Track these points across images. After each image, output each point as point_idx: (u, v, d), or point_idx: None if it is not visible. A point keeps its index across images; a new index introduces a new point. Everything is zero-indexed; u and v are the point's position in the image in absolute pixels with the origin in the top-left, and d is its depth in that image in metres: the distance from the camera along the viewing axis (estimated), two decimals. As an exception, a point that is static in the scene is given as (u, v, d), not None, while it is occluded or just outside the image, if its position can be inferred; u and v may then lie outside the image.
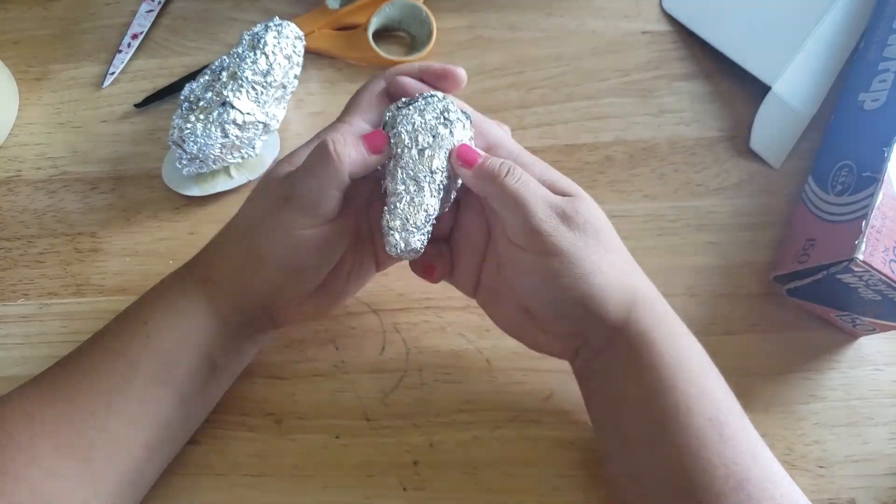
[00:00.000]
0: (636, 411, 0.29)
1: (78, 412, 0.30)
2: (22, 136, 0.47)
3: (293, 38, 0.42)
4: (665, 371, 0.29)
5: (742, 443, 0.28)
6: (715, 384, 0.29)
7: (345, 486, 0.36)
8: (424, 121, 0.31)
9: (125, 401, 0.30)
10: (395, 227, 0.30)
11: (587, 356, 0.32)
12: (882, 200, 0.35)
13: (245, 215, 0.33)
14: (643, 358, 0.29)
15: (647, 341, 0.29)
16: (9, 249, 0.43)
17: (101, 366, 0.31)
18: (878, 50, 0.43)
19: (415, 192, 0.30)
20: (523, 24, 0.49)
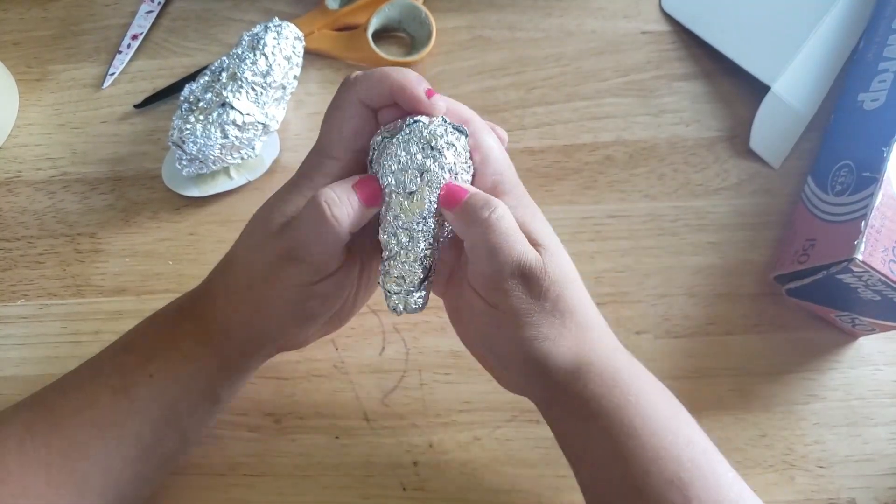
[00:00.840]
0: (593, 474, 0.29)
1: (72, 446, 0.29)
2: (22, 136, 0.47)
3: (293, 39, 0.42)
4: (615, 438, 0.27)
5: (712, 498, 0.26)
6: (675, 438, 0.27)
7: (344, 486, 0.36)
8: (410, 156, 0.28)
9: (122, 437, 0.30)
10: (392, 290, 0.29)
11: (539, 406, 0.31)
12: (881, 200, 0.35)
13: (246, 267, 0.31)
14: (591, 425, 0.28)
15: (593, 410, 0.28)
16: (9, 250, 0.43)
17: (100, 401, 0.30)
18: (877, 50, 0.43)
19: (409, 246, 0.28)
20: (523, 24, 0.49)
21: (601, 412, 0.28)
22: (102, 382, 0.31)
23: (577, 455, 0.29)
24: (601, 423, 0.28)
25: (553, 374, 0.29)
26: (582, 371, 0.28)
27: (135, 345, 0.32)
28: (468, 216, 0.27)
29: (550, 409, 0.30)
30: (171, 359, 0.31)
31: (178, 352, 0.31)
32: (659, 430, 0.27)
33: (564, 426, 0.30)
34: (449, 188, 0.28)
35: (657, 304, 0.40)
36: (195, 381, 0.31)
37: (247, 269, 0.31)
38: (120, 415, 0.30)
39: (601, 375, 0.28)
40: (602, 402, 0.28)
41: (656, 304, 0.40)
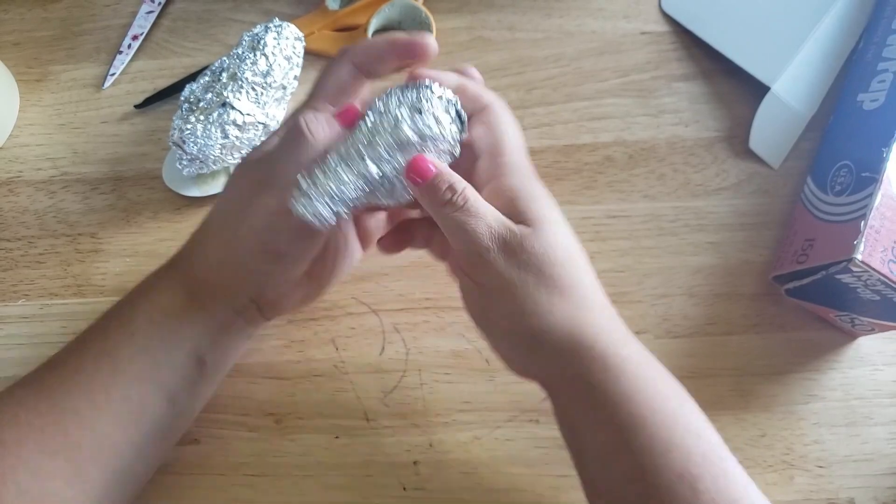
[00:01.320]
0: (599, 466, 0.28)
1: (63, 412, 0.29)
2: (22, 137, 0.47)
3: (293, 39, 0.42)
4: (622, 429, 0.26)
5: (721, 493, 0.25)
6: (684, 433, 0.26)
7: (345, 485, 0.36)
8: (397, 105, 0.28)
9: (110, 400, 0.30)
10: (301, 187, 0.28)
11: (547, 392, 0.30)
12: (881, 201, 0.35)
13: (221, 206, 0.32)
14: (597, 414, 0.27)
15: (598, 398, 0.27)
16: (9, 250, 0.43)
17: (86, 365, 0.30)
18: (877, 50, 0.43)
19: (345, 165, 0.28)
20: (523, 24, 0.49)
21: (607, 401, 0.27)
22: (87, 349, 0.31)
23: (582, 445, 0.29)
24: (608, 411, 0.27)
25: (548, 350, 0.28)
26: (583, 353, 0.27)
27: (117, 309, 0.32)
28: (432, 196, 0.28)
29: (557, 396, 0.29)
30: (151, 316, 0.31)
31: (156, 308, 0.31)
32: (668, 422, 0.26)
33: (570, 413, 0.29)
34: (416, 161, 0.28)
35: (657, 304, 0.40)
36: (176, 338, 0.31)
37: (221, 208, 0.32)
38: (105, 377, 0.30)
39: (606, 362, 0.27)
40: (608, 391, 0.27)
41: (656, 304, 0.40)
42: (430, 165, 0.28)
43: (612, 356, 0.27)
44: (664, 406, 0.27)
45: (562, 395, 0.29)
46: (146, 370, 0.31)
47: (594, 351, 0.27)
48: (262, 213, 0.29)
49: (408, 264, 0.41)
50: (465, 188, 0.28)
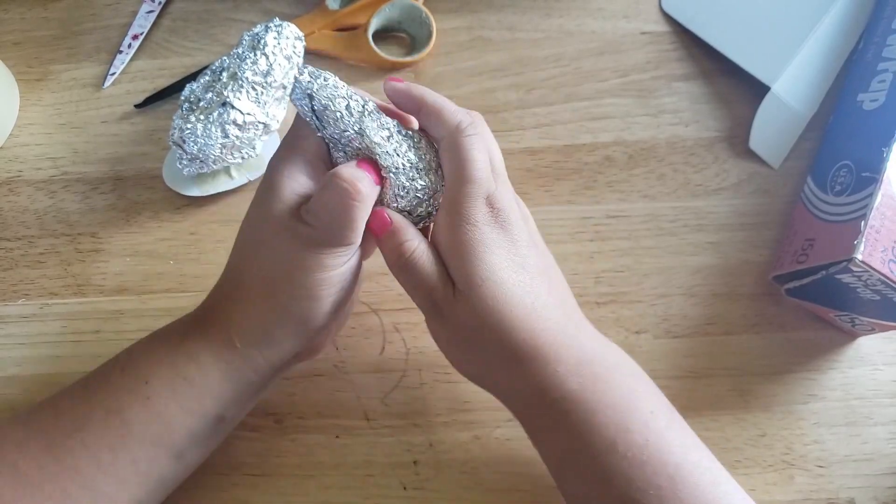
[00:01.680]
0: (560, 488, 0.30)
1: (63, 468, 0.28)
2: (22, 136, 0.47)
3: (293, 39, 0.42)
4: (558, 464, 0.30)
5: None
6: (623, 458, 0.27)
7: (345, 485, 0.36)
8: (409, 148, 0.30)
9: (116, 461, 0.29)
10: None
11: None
12: (881, 200, 0.35)
13: (262, 267, 0.30)
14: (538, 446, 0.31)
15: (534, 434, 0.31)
16: (10, 250, 0.43)
17: (93, 422, 0.29)
18: (877, 50, 0.43)
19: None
20: (523, 24, 0.49)
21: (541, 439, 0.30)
22: (96, 403, 0.30)
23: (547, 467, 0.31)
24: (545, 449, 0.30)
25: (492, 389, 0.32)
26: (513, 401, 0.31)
27: (132, 366, 0.31)
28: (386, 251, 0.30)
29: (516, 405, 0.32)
30: (171, 381, 0.29)
31: (178, 374, 0.30)
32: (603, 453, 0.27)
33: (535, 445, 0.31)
34: (377, 214, 0.30)
35: (656, 304, 0.40)
36: (197, 406, 0.30)
37: (264, 271, 0.29)
38: (113, 438, 0.29)
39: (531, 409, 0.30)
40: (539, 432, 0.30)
41: (655, 304, 0.40)
42: (387, 219, 0.30)
43: (546, 399, 0.29)
44: (601, 437, 0.28)
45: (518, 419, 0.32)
46: (159, 434, 0.29)
47: (530, 396, 0.29)
48: (317, 275, 0.29)
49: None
50: (413, 246, 0.29)
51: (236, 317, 0.30)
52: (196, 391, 0.30)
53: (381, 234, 0.30)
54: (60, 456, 0.29)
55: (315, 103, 0.30)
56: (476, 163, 0.29)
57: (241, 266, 0.31)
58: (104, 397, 0.30)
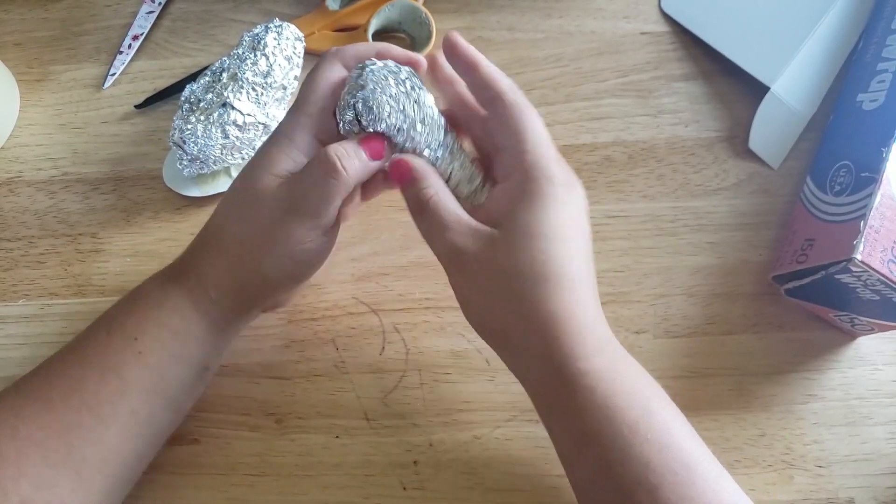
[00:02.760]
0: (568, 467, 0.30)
1: (67, 427, 0.29)
2: (23, 137, 0.47)
3: (293, 40, 0.42)
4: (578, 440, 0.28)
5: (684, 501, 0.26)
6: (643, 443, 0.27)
7: (345, 485, 0.36)
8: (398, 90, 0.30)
9: (116, 414, 0.30)
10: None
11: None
12: (880, 201, 0.35)
13: (239, 230, 0.32)
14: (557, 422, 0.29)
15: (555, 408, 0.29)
16: (10, 250, 0.43)
17: (89, 380, 0.30)
18: (876, 50, 0.43)
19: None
20: (522, 25, 0.50)
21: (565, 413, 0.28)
22: (90, 365, 0.31)
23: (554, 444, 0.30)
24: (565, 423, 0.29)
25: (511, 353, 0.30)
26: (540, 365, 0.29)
27: (118, 326, 0.32)
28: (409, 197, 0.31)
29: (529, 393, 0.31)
30: (159, 335, 0.31)
31: (165, 327, 0.31)
32: (624, 433, 0.27)
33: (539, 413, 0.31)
34: (396, 163, 0.30)
35: (656, 304, 0.40)
36: (185, 356, 0.32)
37: (240, 232, 0.31)
38: (112, 393, 0.30)
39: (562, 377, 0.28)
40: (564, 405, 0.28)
41: (655, 304, 0.40)
42: (408, 166, 0.30)
43: (568, 371, 0.28)
44: (623, 417, 0.27)
45: (527, 392, 0.31)
46: (153, 385, 0.31)
47: (551, 365, 0.28)
48: (291, 243, 0.30)
49: (408, 264, 0.41)
50: (435, 195, 0.30)
51: (213, 272, 0.32)
52: (182, 341, 0.32)
53: (403, 181, 0.30)
54: (61, 415, 0.30)
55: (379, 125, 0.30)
56: (541, 122, 0.31)
57: (221, 225, 0.32)
58: (96, 358, 0.31)
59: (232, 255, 0.32)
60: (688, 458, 0.27)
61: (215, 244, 0.32)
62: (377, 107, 0.29)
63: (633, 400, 0.28)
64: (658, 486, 0.26)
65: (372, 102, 0.29)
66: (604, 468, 0.27)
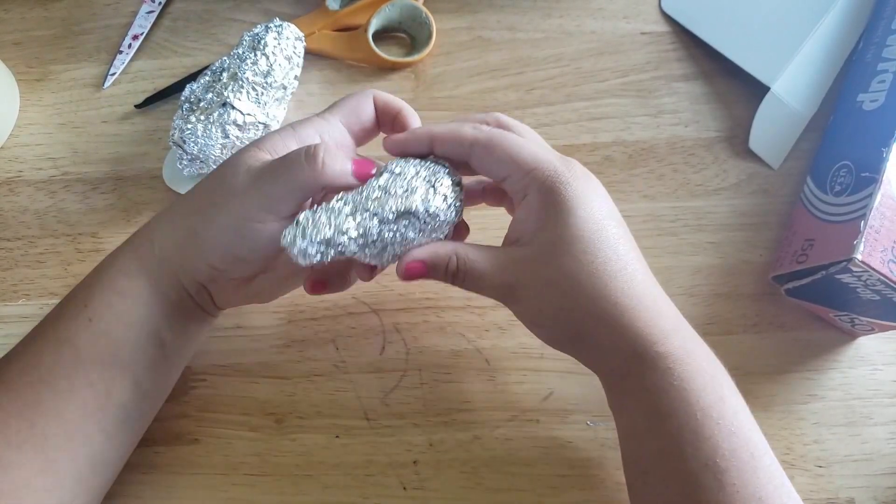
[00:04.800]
0: (636, 444, 0.30)
1: (25, 404, 0.29)
2: (23, 136, 0.47)
3: (293, 39, 0.42)
4: (651, 417, 0.28)
5: (747, 487, 0.26)
6: (715, 427, 0.27)
7: (345, 485, 0.36)
8: (416, 173, 0.30)
9: (73, 387, 0.30)
10: (299, 221, 0.28)
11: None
12: (881, 201, 0.35)
13: (201, 190, 0.32)
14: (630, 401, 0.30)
15: (629, 389, 0.29)
16: (10, 250, 0.43)
17: (44, 355, 0.30)
18: (876, 51, 0.43)
19: (351, 217, 0.28)
20: (523, 24, 0.50)
21: (639, 393, 0.29)
22: (45, 338, 0.31)
23: (621, 425, 0.31)
24: (639, 402, 0.29)
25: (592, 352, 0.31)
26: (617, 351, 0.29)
27: (74, 294, 0.32)
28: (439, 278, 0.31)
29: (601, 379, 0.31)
30: (107, 298, 0.31)
31: (112, 289, 0.31)
32: (699, 415, 0.27)
33: (609, 398, 0.31)
34: (410, 267, 0.30)
35: (657, 303, 0.40)
36: (134, 318, 0.31)
37: (199, 193, 0.31)
38: (66, 366, 0.30)
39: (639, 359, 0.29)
40: (638, 385, 0.29)
41: (656, 303, 0.40)
42: (417, 266, 0.30)
43: (647, 355, 0.29)
44: (697, 400, 0.28)
45: (601, 380, 0.31)
46: (108, 354, 0.30)
47: (628, 353, 0.29)
48: (236, 217, 0.30)
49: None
50: (454, 262, 0.30)
51: (159, 228, 0.32)
52: (129, 302, 0.31)
53: (422, 277, 0.31)
54: (21, 392, 0.29)
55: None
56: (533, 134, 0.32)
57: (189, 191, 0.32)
58: (51, 330, 0.31)
59: (182, 212, 0.31)
60: (754, 447, 0.28)
61: (179, 201, 0.32)
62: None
63: (708, 383, 0.28)
64: (725, 470, 0.26)
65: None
66: (674, 447, 0.28)
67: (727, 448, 0.27)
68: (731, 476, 0.26)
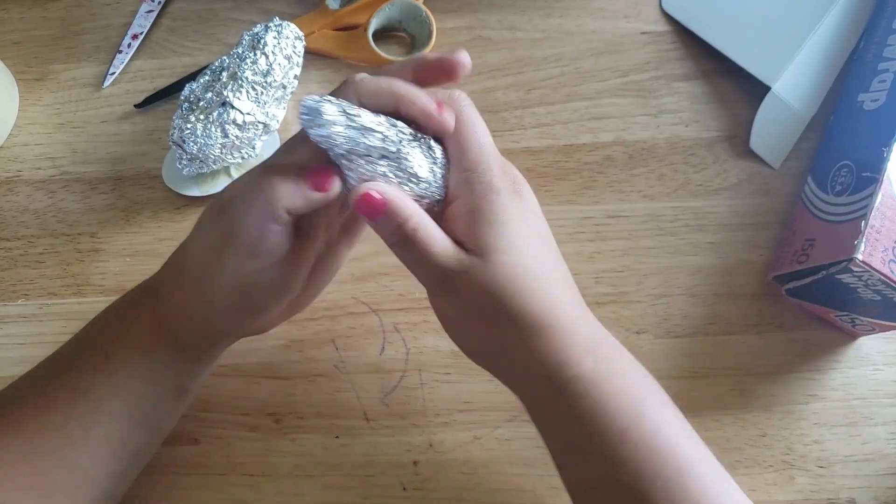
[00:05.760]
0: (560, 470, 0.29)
1: (37, 450, 0.28)
2: (22, 136, 0.47)
3: (293, 39, 0.42)
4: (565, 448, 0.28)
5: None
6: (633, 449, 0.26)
7: (345, 485, 0.36)
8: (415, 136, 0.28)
9: (88, 437, 0.29)
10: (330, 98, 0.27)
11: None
12: (881, 200, 0.35)
13: (194, 257, 0.30)
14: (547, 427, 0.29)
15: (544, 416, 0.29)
16: (9, 249, 0.43)
17: (60, 402, 0.29)
18: (877, 50, 0.43)
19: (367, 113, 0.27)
20: (523, 24, 0.49)
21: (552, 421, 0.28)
22: (59, 384, 0.30)
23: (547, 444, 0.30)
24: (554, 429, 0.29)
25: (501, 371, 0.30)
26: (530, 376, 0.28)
27: (91, 344, 0.31)
28: (383, 233, 0.28)
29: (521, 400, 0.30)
30: (130, 356, 0.30)
31: (136, 347, 0.30)
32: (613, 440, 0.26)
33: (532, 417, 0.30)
34: (365, 198, 0.27)
35: (656, 304, 0.40)
36: (157, 375, 0.31)
37: (193, 256, 0.30)
38: (82, 416, 0.29)
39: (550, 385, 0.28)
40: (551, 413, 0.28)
41: (656, 304, 0.40)
42: (379, 199, 0.27)
43: (558, 379, 0.27)
44: (613, 422, 0.27)
45: (525, 406, 0.30)
46: (127, 408, 0.30)
47: (540, 375, 0.28)
48: (232, 272, 0.28)
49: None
50: (414, 222, 0.27)
51: (175, 294, 0.30)
52: (153, 362, 0.30)
53: (374, 217, 0.27)
54: (32, 437, 0.29)
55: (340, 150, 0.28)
56: (485, 132, 0.29)
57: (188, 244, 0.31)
58: (67, 378, 0.30)
59: (188, 282, 0.30)
60: (682, 462, 0.26)
61: (179, 265, 0.31)
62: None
63: (624, 403, 0.27)
64: (649, 493, 0.25)
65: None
66: (593, 475, 0.27)
67: (649, 469, 0.26)
68: (656, 499, 0.25)
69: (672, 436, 0.27)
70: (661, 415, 0.28)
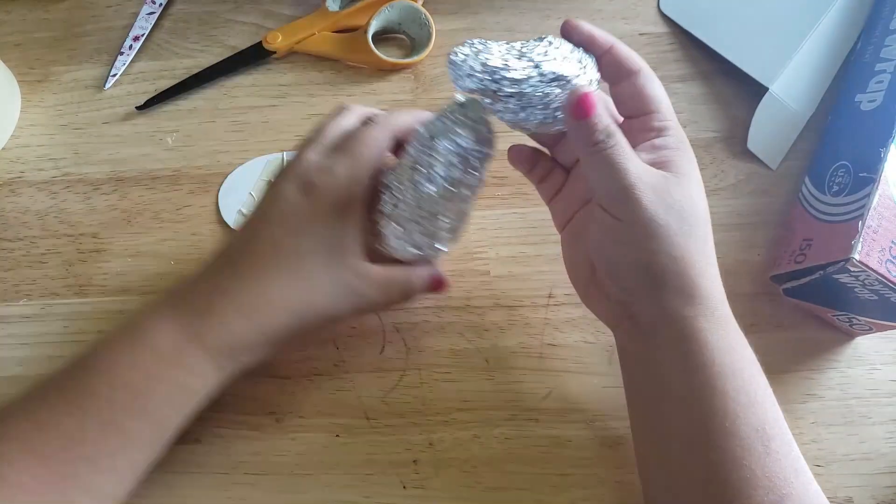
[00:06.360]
0: (679, 409, 0.29)
1: (63, 478, 0.29)
2: (24, 137, 0.47)
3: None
4: (716, 375, 0.28)
5: (786, 458, 0.27)
6: (765, 396, 0.29)
7: (345, 484, 0.36)
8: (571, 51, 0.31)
9: (115, 467, 0.30)
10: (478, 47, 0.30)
11: (632, 333, 0.31)
12: (878, 201, 0.35)
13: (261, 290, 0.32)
14: (695, 357, 0.28)
15: (700, 341, 0.28)
16: (11, 250, 0.43)
17: (89, 435, 0.29)
18: (875, 51, 0.43)
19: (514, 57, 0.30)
20: (522, 26, 0.50)
21: (706, 349, 0.28)
22: (90, 418, 0.30)
23: (663, 389, 0.30)
24: (703, 358, 0.28)
25: (666, 289, 0.29)
26: (696, 300, 0.29)
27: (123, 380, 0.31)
28: (587, 134, 0.28)
29: (646, 339, 0.30)
30: (173, 398, 0.31)
31: (181, 390, 0.31)
32: (753, 382, 0.29)
33: (657, 357, 0.30)
34: (582, 97, 0.28)
35: (655, 303, 0.40)
36: (195, 409, 0.32)
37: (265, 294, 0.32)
38: (112, 447, 0.30)
39: (713, 314, 0.29)
40: (709, 340, 0.29)
41: (655, 303, 0.40)
42: (592, 104, 0.28)
43: (716, 311, 0.29)
44: (750, 367, 0.29)
45: (656, 335, 0.30)
46: (156, 438, 0.31)
47: (706, 302, 0.29)
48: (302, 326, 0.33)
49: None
50: (617, 131, 0.29)
51: (234, 326, 0.32)
52: (196, 399, 0.32)
53: (585, 117, 0.28)
54: (56, 467, 0.29)
55: None
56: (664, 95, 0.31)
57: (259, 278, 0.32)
58: (97, 413, 0.30)
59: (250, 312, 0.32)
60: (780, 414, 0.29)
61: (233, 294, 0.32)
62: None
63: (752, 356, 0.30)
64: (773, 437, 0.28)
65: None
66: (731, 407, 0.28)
67: (773, 418, 0.28)
68: (776, 444, 0.27)
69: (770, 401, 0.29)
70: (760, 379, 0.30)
